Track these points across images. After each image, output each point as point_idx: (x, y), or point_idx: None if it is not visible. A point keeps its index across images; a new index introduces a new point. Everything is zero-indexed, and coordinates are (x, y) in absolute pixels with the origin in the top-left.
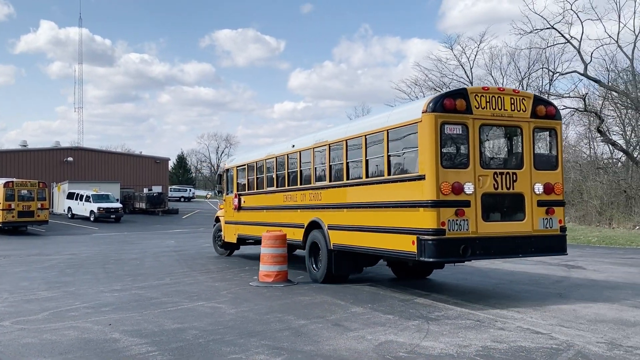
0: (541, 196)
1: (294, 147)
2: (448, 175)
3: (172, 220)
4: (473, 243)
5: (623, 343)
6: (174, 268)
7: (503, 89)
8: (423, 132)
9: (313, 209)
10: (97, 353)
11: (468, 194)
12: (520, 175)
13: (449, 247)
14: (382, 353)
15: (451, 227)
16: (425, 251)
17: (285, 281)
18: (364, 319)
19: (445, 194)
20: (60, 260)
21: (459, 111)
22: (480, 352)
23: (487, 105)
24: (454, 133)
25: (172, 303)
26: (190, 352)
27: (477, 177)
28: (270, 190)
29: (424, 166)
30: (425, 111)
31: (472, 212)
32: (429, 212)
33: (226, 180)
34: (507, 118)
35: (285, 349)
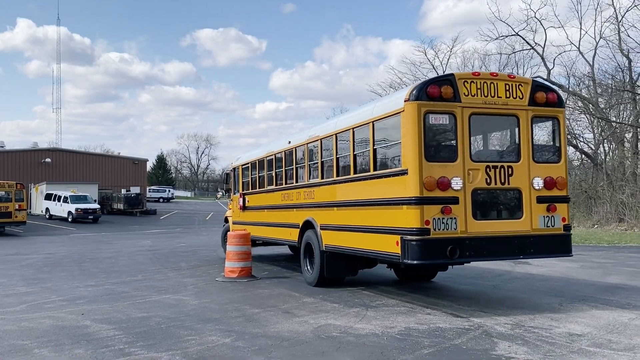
0: (541, 192)
1: (290, 143)
2: (433, 170)
3: (149, 220)
4: (462, 244)
5: (526, 324)
6: (147, 266)
7: (496, 74)
8: (405, 122)
9: (307, 208)
10: (70, 337)
11: (456, 190)
12: (517, 169)
13: (434, 248)
14: (318, 333)
15: (437, 227)
16: (408, 253)
17: (249, 276)
18: (312, 308)
19: (430, 189)
20: (37, 260)
21: (445, 99)
22: (402, 331)
23: (477, 92)
24: (440, 123)
25: (140, 296)
26: (152, 335)
27: (467, 171)
28: (271, 189)
29: (406, 160)
30: (407, 100)
31: (460, 209)
32: (411, 210)
33: (233, 180)
34: (502, 106)
35: (236, 331)
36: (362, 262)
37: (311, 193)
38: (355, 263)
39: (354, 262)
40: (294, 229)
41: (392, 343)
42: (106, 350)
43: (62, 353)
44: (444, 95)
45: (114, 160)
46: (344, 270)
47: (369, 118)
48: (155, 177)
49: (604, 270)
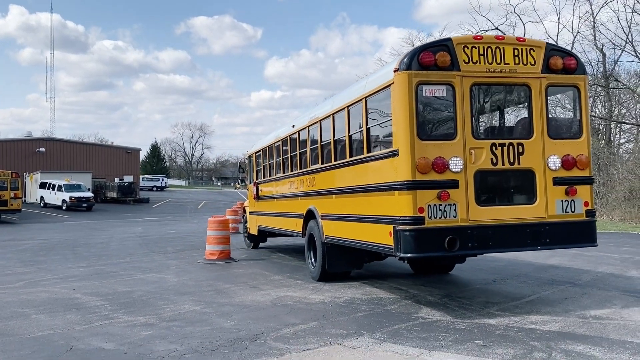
0: (559, 172)
1: (294, 127)
2: (427, 150)
3: (142, 209)
4: (463, 233)
5: (456, 295)
6: (136, 250)
7: (502, 37)
8: (396, 96)
9: (310, 197)
10: (62, 306)
11: (455, 172)
12: (528, 147)
13: (430, 239)
14: (275, 302)
15: (432, 214)
16: (401, 244)
17: (227, 259)
18: (276, 284)
19: (424, 172)
20: (33, 245)
21: (441, 68)
22: (347, 300)
23: (480, 59)
24: (435, 96)
25: (127, 275)
26: (133, 304)
27: (468, 150)
28: (279, 177)
29: (397, 139)
30: (397, 70)
31: (461, 194)
32: (403, 196)
33: (248, 169)
34: (510, 74)
35: (206, 301)
36: (368, 254)
37: (313, 180)
38: (359, 256)
39: (359, 255)
40: (298, 219)
41: (335, 308)
42: (93, 315)
43: (56, 317)
44: (439, 63)
45: (108, 150)
46: (347, 264)
47: (362, 94)
48: (149, 166)
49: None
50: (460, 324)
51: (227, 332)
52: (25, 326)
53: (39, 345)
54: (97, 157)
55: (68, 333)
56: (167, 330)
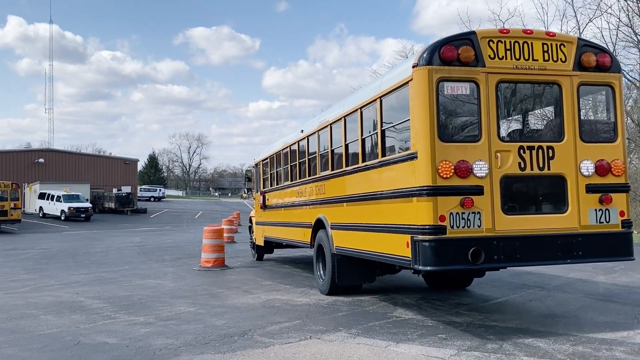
0: (592, 178)
1: (303, 132)
2: (449, 152)
3: (140, 219)
4: (488, 245)
5: (431, 298)
6: (134, 258)
7: (531, 31)
8: (415, 94)
9: (319, 205)
10: (68, 308)
11: (480, 177)
12: (559, 150)
13: (452, 250)
14: (264, 304)
15: (455, 223)
16: (420, 256)
17: (222, 266)
18: (267, 288)
19: (446, 177)
20: (34, 254)
21: (464, 63)
22: (330, 302)
23: (506, 54)
24: (458, 94)
25: (126, 281)
26: (133, 306)
27: (494, 154)
28: (287, 185)
29: (416, 141)
30: (416, 65)
31: (486, 201)
32: (422, 203)
33: (255, 177)
34: (539, 71)
35: (200, 303)
36: (381, 266)
37: (322, 187)
38: (372, 268)
39: (371, 267)
40: (306, 229)
41: (318, 309)
42: (97, 316)
43: (62, 317)
44: (462, 58)
45: (106, 161)
46: (358, 277)
47: (376, 94)
48: (147, 177)
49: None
50: (428, 322)
51: (218, 329)
52: (34, 325)
53: (49, 340)
54: (96, 167)
55: (74, 330)
56: (164, 327)
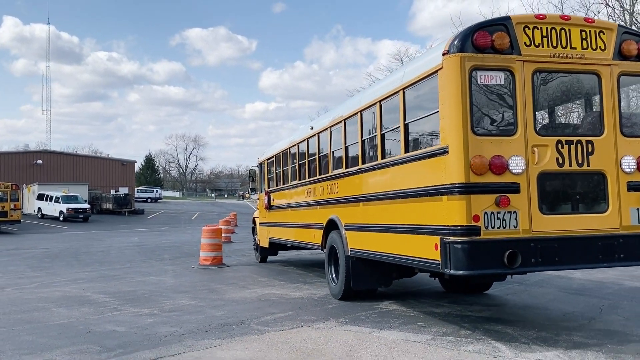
0: (634, 175)
1: (313, 129)
2: (483, 147)
3: (137, 220)
4: (526, 247)
5: (416, 291)
6: (135, 257)
7: (568, 17)
8: (445, 84)
9: (331, 205)
10: (76, 302)
11: (516, 174)
12: (598, 145)
13: (486, 253)
14: (260, 298)
15: (489, 224)
16: (451, 260)
17: (220, 264)
18: (263, 284)
19: (480, 173)
20: (37, 253)
21: (499, 50)
22: (322, 296)
23: (543, 41)
24: (493, 84)
25: (129, 278)
26: (137, 300)
27: (531, 149)
28: (294, 185)
29: (446, 134)
30: (447, 52)
31: (522, 200)
32: (454, 202)
33: (259, 177)
34: (577, 60)
35: (200, 297)
36: (397, 270)
37: (335, 186)
38: (388, 271)
39: (387, 271)
40: (317, 230)
41: (310, 302)
42: (104, 308)
43: (73, 310)
44: (497, 45)
45: (103, 162)
46: (374, 281)
47: (399, 85)
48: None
49: None
50: (410, 312)
51: (217, 319)
52: (47, 316)
53: (63, 329)
54: (93, 169)
55: (85, 321)
56: (168, 318)
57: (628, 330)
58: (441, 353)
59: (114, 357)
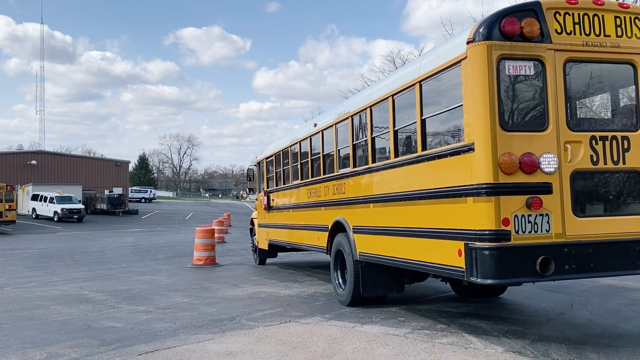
0: None
1: (316, 126)
2: (513, 143)
3: (131, 220)
4: (559, 253)
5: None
6: (130, 257)
7: (602, 1)
8: (470, 74)
9: (337, 206)
10: (74, 300)
11: (548, 173)
12: (635, 141)
13: (517, 260)
14: (251, 295)
15: (520, 228)
16: (477, 267)
17: (213, 264)
18: (254, 283)
19: (509, 172)
20: (33, 253)
21: (528, 38)
22: (310, 294)
23: (575, 28)
24: (522, 74)
25: (125, 277)
26: (133, 298)
27: (563, 145)
28: (296, 185)
29: (472, 130)
30: (472, 40)
31: (555, 201)
32: (481, 204)
33: (258, 176)
34: (611, 49)
35: (194, 295)
36: (409, 274)
37: (341, 186)
38: (400, 276)
39: (399, 275)
40: (322, 233)
41: (299, 299)
42: (102, 306)
43: (71, 307)
44: (526, 32)
45: (97, 162)
46: (385, 286)
47: (415, 78)
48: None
49: None
50: (392, 308)
51: (210, 315)
52: (47, 313)
53: (63, 325)
54: (87, 169)
55: (84, 317)
56: (162, 314)
57: (592, 324)
58: (417, 345)
59: (113, 350)
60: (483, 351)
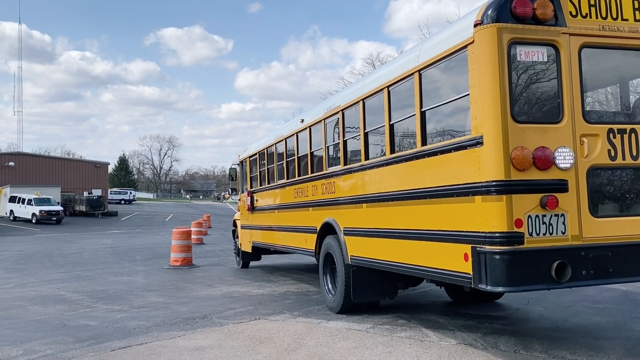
0: None
1: (303, 122)
2: (525, 136)
3: (111, 222)
4: (576, 257)
5: None
6: (107, 259)
7: None
8: (478, 60)
9: (326, 206)
10: (51, 300)
11: (563, 169)
12: None
13: (531, 265)
14: (225, 295)
15: (534, 229)
16: (487, 273)
17: (189, 265)
18: (229, 283)
19: (522, 168)
20: (10, 255)
21: (541, 21)
22: (282, 293)
23: (591, 11)
24: (534, 60)
25: (101, 278)
26: (109, 298)
27: (579, 139)
28: (281, 184)
29: (480, 122)
30: (480, 23)
31: (571, 200)
32: (491, 204)
33: (241, 176)
34: (629, 34)
35: (169, 295)
36: (403, 279)
37: (331, 185)
38: (393, 281)
39: (392, 280)
40: (309, 235)
41: (270, 298)
42: (78, 306)
43: (48, 307)
44: (539, 15)
45: (76, 164)
46: (378, 292)
47: (413, 67)
48: (117, 179)
49: None
50: None
51: (183, 314)
52: (24, 313)
53: (39, 324)
54: (66, 171)
55: (60, 316)
56: (137, 313)
57: (543, 319)
58: (377, 338)
59: (87, 346)
60: (437, 344)
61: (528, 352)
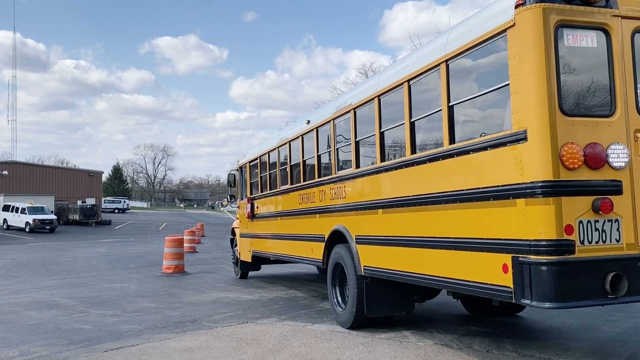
0: None
1: (310, 123)
2: (575, 131)
3: (104, 230)
4: (632, 268)
5: None
6: (101, 267)
7: None
8: (520, 45)
9: (335, 213)
10: (45, 306)
11: (617, 168)
12: None
13: (583, 277)
14: (215, 300)
15: (586, 237)
16: (532, 287)
17: (182, 272)
18: (220, 289)
19: (573, 167)
20: (5, 263)
21: (590, 2)
22: (271, 298)
23: None
24: (583, 46)
25: (95, 285)
26: (102, 304)
27: (633, 135)
28: (285, 190)
29: (523, 115)
30: (522, 4)
31: (626, 204)
32: (538, 207)
33: (240, 182)
34: None
35: (161, 301)
36: (419, 291)
37: (341, 190)
38: (410, 293)
39: (409, 292)
40: (316, 243)
41: (259, 303)
42: (72, 311)
43: (42, 312)
44: None
45: (70, 173)
46: (394, 306)
47: (440, 57)
48: (111, 188)
49: None
50: None
51: (174, 318)
52: (19, 318)
53: (35, 328)
54: (60, 179)
55: (54, 321)
56: (129, 317)
57: (519, 321)
58: (358, 340)
59: (80, 347)
60: (415, 344)
61: (500, 352)
